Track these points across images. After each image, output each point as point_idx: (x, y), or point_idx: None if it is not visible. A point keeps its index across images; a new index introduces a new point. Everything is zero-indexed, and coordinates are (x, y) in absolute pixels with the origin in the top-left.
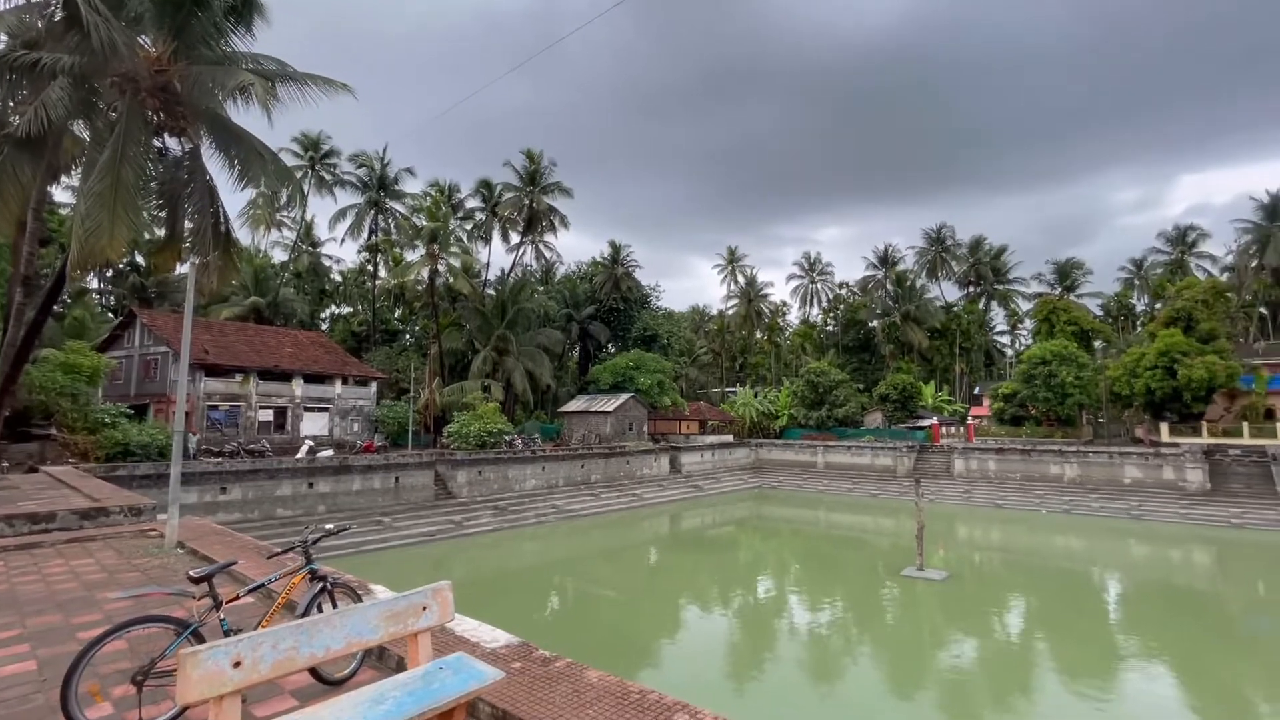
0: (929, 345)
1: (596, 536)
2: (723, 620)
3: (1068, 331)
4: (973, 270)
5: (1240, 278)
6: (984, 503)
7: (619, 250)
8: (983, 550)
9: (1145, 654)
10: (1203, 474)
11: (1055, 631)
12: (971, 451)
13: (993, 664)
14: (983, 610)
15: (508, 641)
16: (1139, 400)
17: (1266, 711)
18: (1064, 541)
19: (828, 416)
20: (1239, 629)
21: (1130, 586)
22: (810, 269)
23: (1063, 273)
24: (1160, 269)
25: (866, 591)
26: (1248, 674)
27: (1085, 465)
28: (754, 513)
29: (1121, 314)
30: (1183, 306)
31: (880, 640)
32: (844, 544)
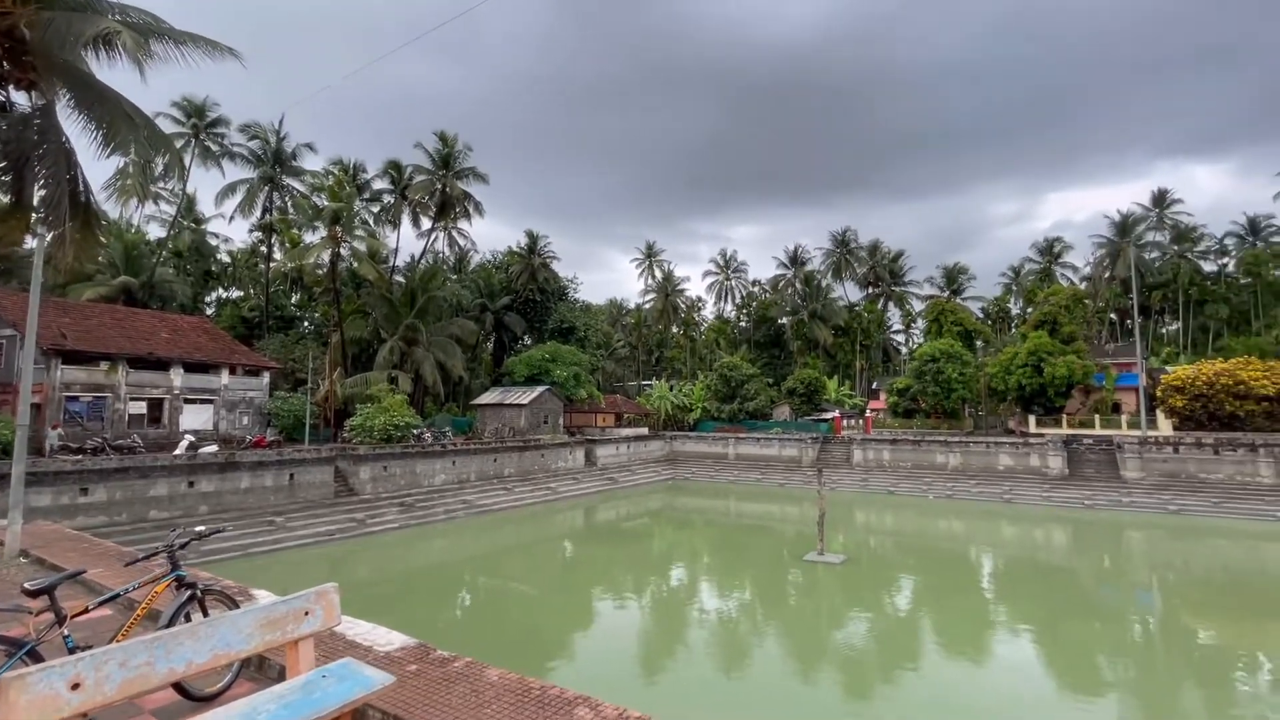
0: (833, 342)
1: (509, 531)
2: (636, 611)
3: (954, 332)
4: (872, 272)
5: (1095, 287)
6: (879, 490)
7: (536, 240)
8: (877, 534)
9: (1012, 623)
10: (1062, 461)
11: (938, 606)
12: (869, 442)
13: (884, 639)
14: (876, 590)
15: (404, 644)
16: (1012, 395)
17: (1106, 664)
18: (947, 524)
19: (739, 410)
20: (1089, 598)
21: (1001, 563)
22: (725, 266)
23: (950, 277)
24: (1032, 276)
25: (772, 577)
26: (1097, 636)
27: (966, 454)
28: (668, 504)
29: (1000, 316)
30: (1049, 311)
31: (783, 623)
32: (752, 532)
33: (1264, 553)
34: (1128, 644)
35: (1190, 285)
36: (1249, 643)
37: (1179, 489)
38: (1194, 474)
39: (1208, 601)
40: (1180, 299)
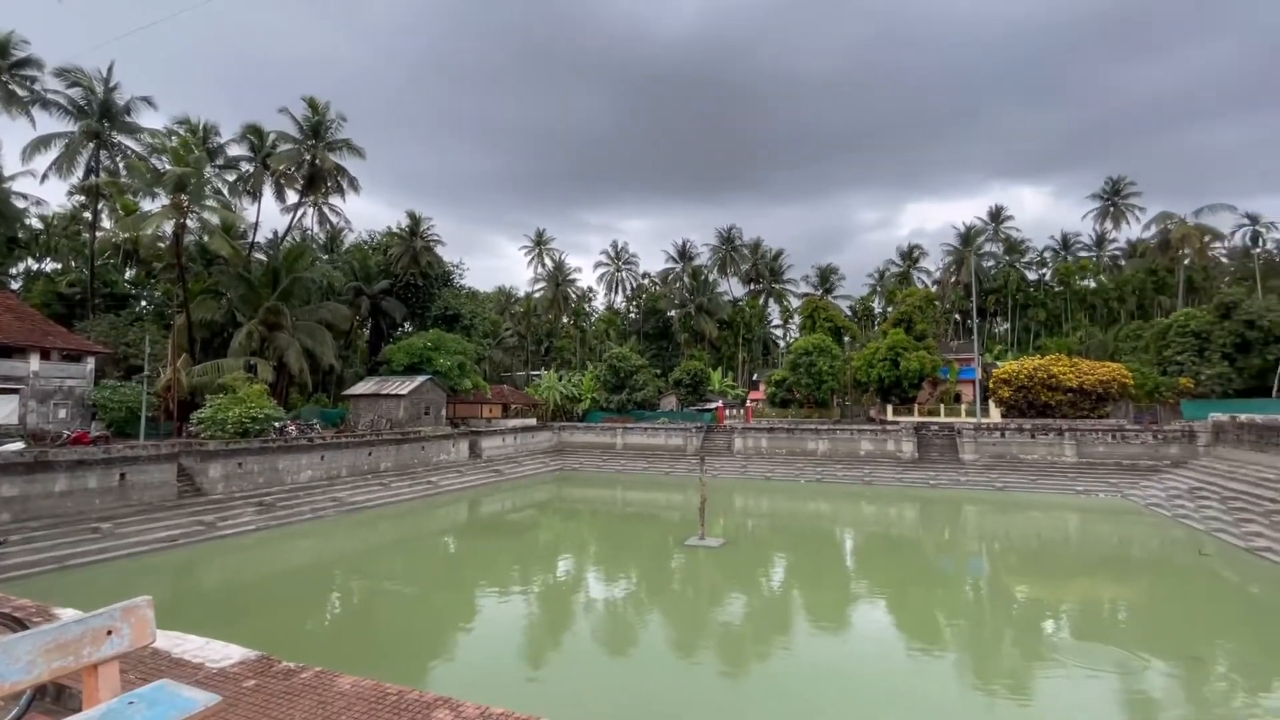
0: (718, 335)
1: (385, 529)
2: (520, 605)
3: (826, 328)
4: (755, 269)
5: (944, 289)
6: (757, 476)
7: (419, 222)
8: (755, 517)
9: (870, 592)
10: (913, 445)
11: (806, 581)
12: (749, 431)
13: (758, 615)
14: (751, 569)
15: (242, 658)
16: (874, 386)
17: (945, 622)
18: (815, 506)
19: (628, 400)
20: (932, 566)
21: (861, 539)
22: (616, 258)
23: (824, 277)
24: (894, 279)
25: (655, 563)
26: (937, 599)
27: (834, 441)
28: (555, 495)
29: (865, 314)
30: (906, 311)
31: (665, 607)
32: (638, 520)
33: (1066, 521)
34: (962, 604)
35: (1017, 291)
36: (1054, 596)
37: (1004, 468)
38: (1016, 455)
39: (1024, 564)
40: (1009, 303)
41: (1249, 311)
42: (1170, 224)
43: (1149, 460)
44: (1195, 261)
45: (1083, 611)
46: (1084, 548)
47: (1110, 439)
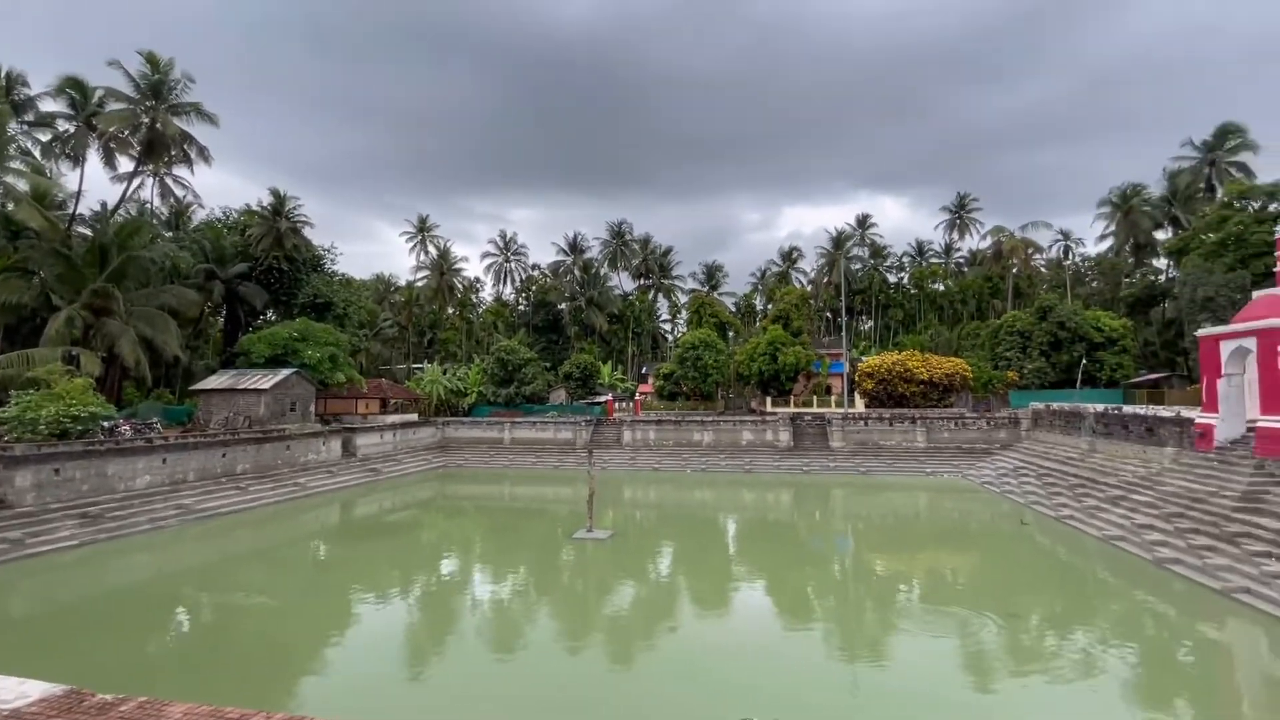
0: (608, 329)
1: (242, 537)
2: (400, 609)
3: (711, 323)
4: (645, 264)
5: (817, 289)
6: (645, 467)
7: (284, 201)
8: (643, 508)
9: (750, 573)
10: (789, 434)
11: (691, 567)
12: (638, 423)
13: (646, 602)
14: (639, 559)
15: (45, 694)
16: (754, 379)
17: (815, 596)
18: (701, 494)
19: (516, 394)
20: (804, 546)
21: (742, 524)
22: (505, 248)
23: (710, 274)
24: (774, 278)
25: (542, 558)
26: (809, 576)
27: (718, 432)
28: (438, 493)
29: (748, 310)
30: (784, 308)
31: (552, 601)
32: (526, 515)
33: (917, 499)
34: (830, 579)
35: (880, 292)
36: (906, 568)
37: (867, 454)
38: (877, 441)
39: (882, 540)
40: (874, 302)
41: (1061, 314)
42: (1002, 237)
43: (983, 444)
44: (1021, 270)
45: (929, 579)
46: (930, 523)
47: (953, 426)
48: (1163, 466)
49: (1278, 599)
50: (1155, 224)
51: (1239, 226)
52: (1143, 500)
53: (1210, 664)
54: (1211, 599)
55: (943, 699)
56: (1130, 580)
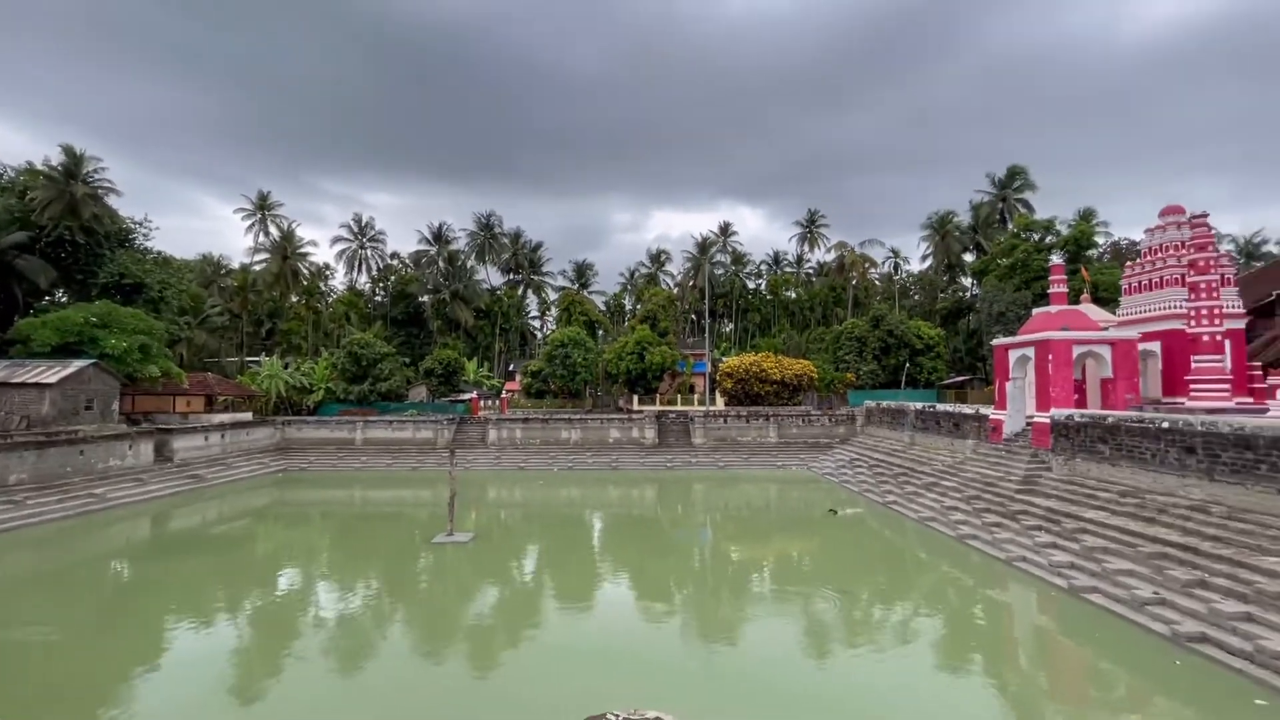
0: (475, 324)
1: (17, 560)
2: (228, 631)
3: (581, 321)
4: (514, 259)
5: (683, 292)
6: (511, 466)
7: (81, 161)
8: (508, 508)
9: (615, 568)
10: (655, 432)
11: (557, 565)
12: (504, 422)
13: (510, 604)
14: (503, 560)
15: None
16: (622, 377)
17: (675, 585)
18: (568, 492)
19: (371, 391)
20: (666, 539)
21: (608, 520)
22: (361, 233)
23: (580, 272)
24: (643, 279)
25: (398, 565)
26: (670, 567)
27: (585, 430)
28: (277, 500)
29: (617, 310)
30: (652, 309)
31: (409, 609)
32: (380, 520)
33: (769, 490)
34: (690, 569)
35: (740, 297)
36: (759, 554)
37: (726, 450)
38: (735, 438)
39: (738, 530)
40: (734, 306)
41: (890, 323)
42: (845, 252)
43: (826, 439)
44: (860, 283)
45: (778, 563)
46: (779, 512)
47: (801, 422)
48: (965, 456)
49: (1045, 565)
50: (964, 247)
51: (1023, 254)
52: (950, 486)
53: (996, 621)
54: (998, 567)
55: (788, 672)
56: (939, 555)
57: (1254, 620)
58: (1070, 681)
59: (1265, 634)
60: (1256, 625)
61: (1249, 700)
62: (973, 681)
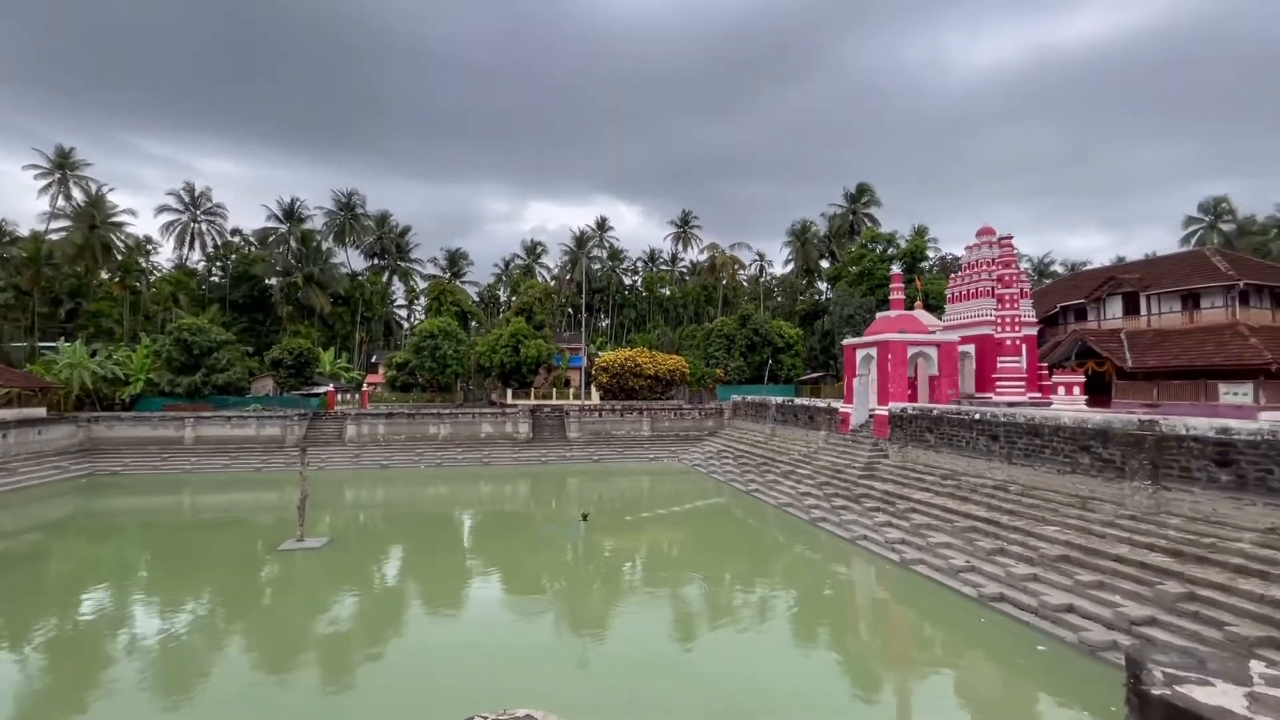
0: (332, 311)
1: None
2: (10, 668)
3: (452, 311)
4: (379, 243)
5: (560, 285)
6: (372, 465)
7: None
8: (367, 509)
9: (485, 565)
10: (529, 426)
11: (421, 566)
12: (364, 417)
13: (368, 611)
14: (361, 565)
15: None
16: (496, 371)
17: (547, 579)
18: (435, 490)
19: (204, 383)
20: (539, 533)
21: (478, 518)
22: (192, 204)
23: (453, 260)
24: (518, 270)
25: (238, 577)
26: (543, 562)
27: (456, 425)
28: (80, 509)
29: (491, 301)
30: (527, 301)
31: (250, 625)
32: (216, 528)
33: (641, 482)
34: (563, 563)
35: (616, 292)
36: (630, 545)
37: (600, 443)
38: (609, 432)
39: (610, 522)
40: (611, 302)
41: (756, 322)
42: (716, 253)
43: (696, 431)
44: (729, 283)
45: (649, 553)
46: (651, 502)
47: (673, 416)
48: (819, 446)
49: (881, 541)
50: (820, 254)
51: (869, 263)
52: (805, 473)
53: (840, 595)
54: (844, 546)
55: (657, 658)
56: (794, 537)
57: (1039, 580)
58: (898, 642)
59: (1047, 591)
60: (1040, 584)
61: (1033, 646)
62: (819, 650)
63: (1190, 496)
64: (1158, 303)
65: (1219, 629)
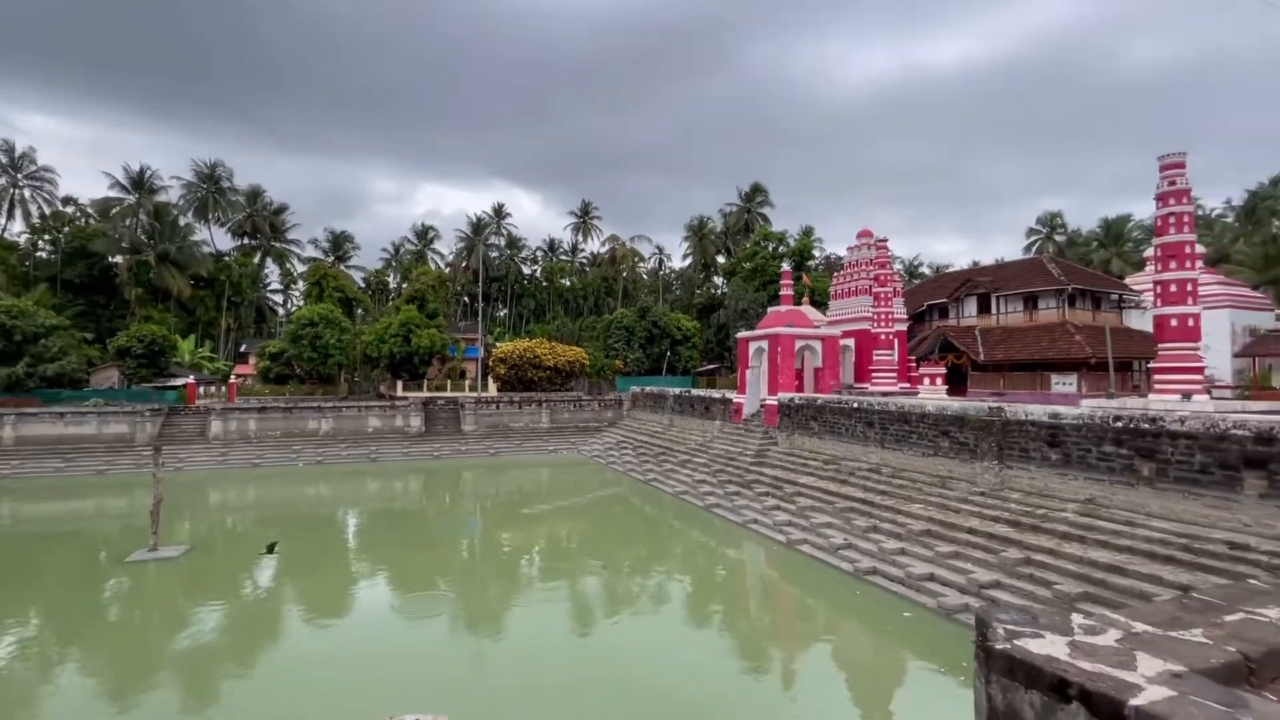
0: (193, 295)
1: None
2: None
3: (335, 297)
4: (250, 221)
5: (455, 272)
6: (241, 464)
7: None
8: (236, 512)
9: (371, 568)
10: (421, 420)
11: (298, 572)
12: (232, 412)
13: (238, 624)
14: (230, 575)
15: None
16: (385, 361)
17: (440, 578)
18: (316, 490)
19: (29, 374)
20: (432, 531)
21: (365, 518)
22: (13, 166)
23: (337, 243)
24: (409, 256)
25: (77, 593)
26: (437, 560)
27: (339, 419)
28: None
29: (379, 288)
30: (419, 289)
31: (93, 647)
32: (46, 541)
33: (540, 474)
34: (458, 560)
35: (515, 282)
36: (528, 538)
37: (497, 436)
38: (507, 424)
39: (507, 516)
40: (509, 291)
41: (655, 315)
42: (616, 245)
43: (595, 423)
44: (629, 275)
45: (548, 545)
46: (549, 495)
47: (573, 407)
48: (713, 435)
49: (770, 524)
50: (717, 250)
51: (762, 260)
52: (700, 462)
53: (732, 576)
54: (736, 530)
55: (556, 651)
56: (690, 524)
57: (906, 554)
58: (784, 617)
59: (912, 563)
60: (907, 557)
61: (900, 613)
62: (713, 630)
63: (1028, 473)
64: (1005, 303)
65: (1049, 588)
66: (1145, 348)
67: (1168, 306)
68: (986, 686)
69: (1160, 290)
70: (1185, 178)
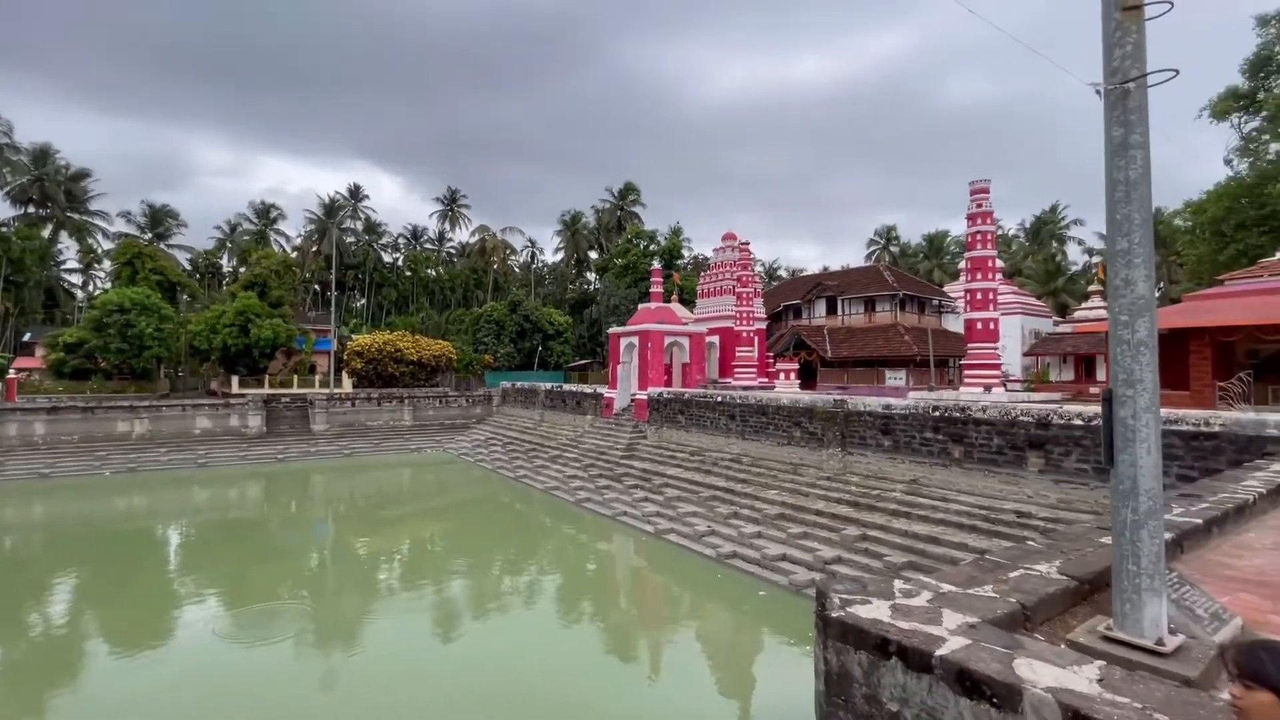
0: None
1: None
2: None
3: (152, 280)
4: (38, 187)
5: (304, 257)
6: (25, 475)
7: None
8: (15, 532)
9: (196, 589)
10: (261, 419)
11: (102, 599)
12: (12, 413)
13: (23, 666)
14: (7, 609)
15: None
16: (217, 354)
17: (286, 594)
18: (127, 501)
19: None
20: (276, 541)
21: (190, 532)
22: None
23: (156, 219)
24: (247, 237)
25: None
26: (283, 571)
27: (158, 420)
28: None
29: (210, 271)
30: (260, 274)
31: None
32: None
33: (402, 474)
34: (307, 570)
35: (374, 270)
36: (390, 543)
37: (353, 435)
38: (364, 422)
39: (364, 520)
40: (368, 280)
41: (526, 309)
42: (486, 235)
43: (463, 419)
44: (500, 268)
45: (411, 549)
46: (412, 496)
47: (438, 404)
48: (585, 430)
49: (639, 516)
50: (590, 246)
51: (634, 258)
52: (571, 457)
53: (603, 569)
54: (606, 524)
55: (417, 660)
56: (560, 519)
57: (762, 537)
58: (653, 605)
59: (768, 545)
60: (763, 540)
61: (756, 592)
62: (584, 622)
63: (866, 459)
64: (849, 305)
65: (880, 560)
66: (958, 347)
67: (974, 312)
68: (824, 651)
69: (969, 297)
70: (989, 201)
